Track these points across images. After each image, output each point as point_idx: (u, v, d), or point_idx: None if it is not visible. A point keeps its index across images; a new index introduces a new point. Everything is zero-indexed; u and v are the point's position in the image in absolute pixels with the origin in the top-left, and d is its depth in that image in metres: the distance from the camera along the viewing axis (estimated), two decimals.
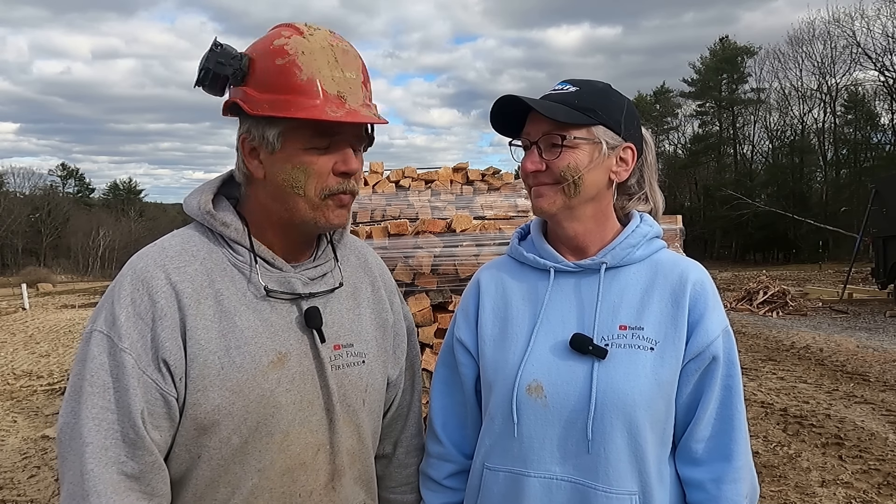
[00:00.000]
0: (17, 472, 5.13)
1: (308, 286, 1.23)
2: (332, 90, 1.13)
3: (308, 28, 1.17)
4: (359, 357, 1.28)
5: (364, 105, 1.16)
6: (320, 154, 1.15)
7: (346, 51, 1.17)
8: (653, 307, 1.24)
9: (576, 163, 1.24)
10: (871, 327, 11.23)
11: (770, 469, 4.69)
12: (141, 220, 63.14)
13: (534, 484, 1.22)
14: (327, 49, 1.15)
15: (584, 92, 1.27)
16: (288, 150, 1.15)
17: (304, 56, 1.13)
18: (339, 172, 1.16)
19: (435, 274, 3.32)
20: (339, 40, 1.18)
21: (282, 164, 1.16)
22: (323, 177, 1.15)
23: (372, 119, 1.14)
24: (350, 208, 1.23)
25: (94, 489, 1.04)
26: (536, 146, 1.26)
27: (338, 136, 1.15)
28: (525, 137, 1.29)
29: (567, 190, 1.25)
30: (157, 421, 1.10)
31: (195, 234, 1.21)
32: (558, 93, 1.28)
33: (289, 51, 1.13)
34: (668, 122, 48.84)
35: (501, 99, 1.28)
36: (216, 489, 1.16)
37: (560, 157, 1.24)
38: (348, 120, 1.12)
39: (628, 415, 1.18)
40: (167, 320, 1.11)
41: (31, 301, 19.96)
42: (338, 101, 1.13)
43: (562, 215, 1.28)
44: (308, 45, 1.14)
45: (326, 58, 1.14)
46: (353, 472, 1.29)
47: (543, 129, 1.26)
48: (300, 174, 1.15)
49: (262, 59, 1.15)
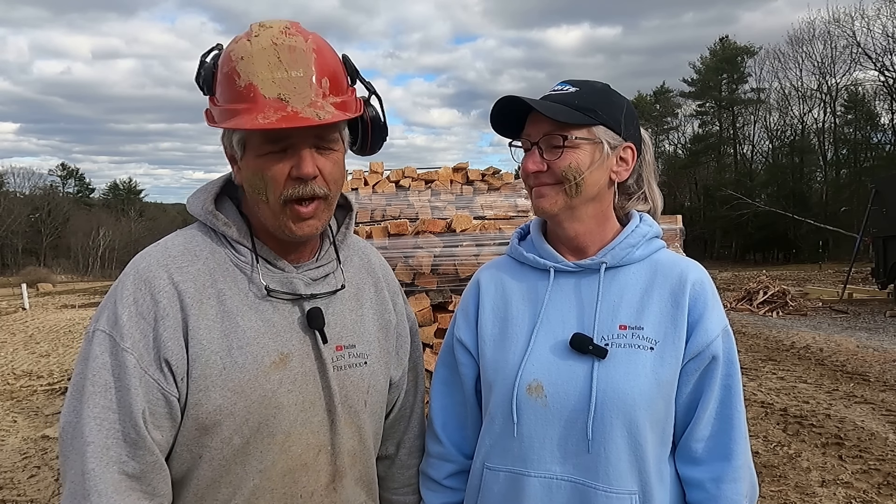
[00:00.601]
0: (17, 472, 5.13)
1: (310, 287, 1.23)
2: (272, 93, 1.08)
3: (259, 28, 1.12)
4: (361, 358, 1.28)
5: (312, 105, 1.09)
6: (277, 160, 1.12)
7: (293, 47, 1.10)
8: (652, 307, 1.24)
9: (577, 163, 1.24)
10: (871, 327, 11.22)
11: (770, 469, 4.69)
12: (141, 220, 63.14)
13: (534, 484, 1.22)
14: (268, 50, 1.09)
15: (584, 92, 1.27)
16: (248, 156, 1.14)
17: (243, 62, 1.09)
18: (294, 177, 1.12)
19: (435, 274, 3.32)
20: (289, 36, 1.11)
21: (247, 171, 1.15)
22: (279, 182, 1.12)
23: (312, 121, 1.07)
24: (322, 219, 1.18)
25: (95, 489, 1.04)
26: (537, 147, 1.26)
27: (292, 139, 1.11)
28: (525, 138, 1.29)
29: (568, 190, 1.25)
30: (159, 421, 1.10)
31: (198, 234, 1.21)
32: (558, 93, 1.28)
33: (232, 57, 1.11)
34: (668, 122, 48.82)
35: (501, 100, 1.27)
36: (217, 489, 1.16)
37: (561, 157, 1.24)
38: (280, 125, 1.05)
39: (628, 414, 1.18)
40: (169, 320, 1.11)
41: (31, 301, 19.96)
42: (276, 104, 1.07)
43: (563, 215, 1.28)
44: (248, 48, 1.10)
45: (267, 59, 1.09)
46: (354, 473, 1.29)
47: (544, 129, 1.25)
48: (259, 180, 1.13)
49: (219, 68, 1.14)
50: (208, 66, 1.15)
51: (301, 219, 1.15)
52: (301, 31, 1.14)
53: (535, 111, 1.24)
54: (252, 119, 1.06)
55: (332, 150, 1.17)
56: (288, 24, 1.14)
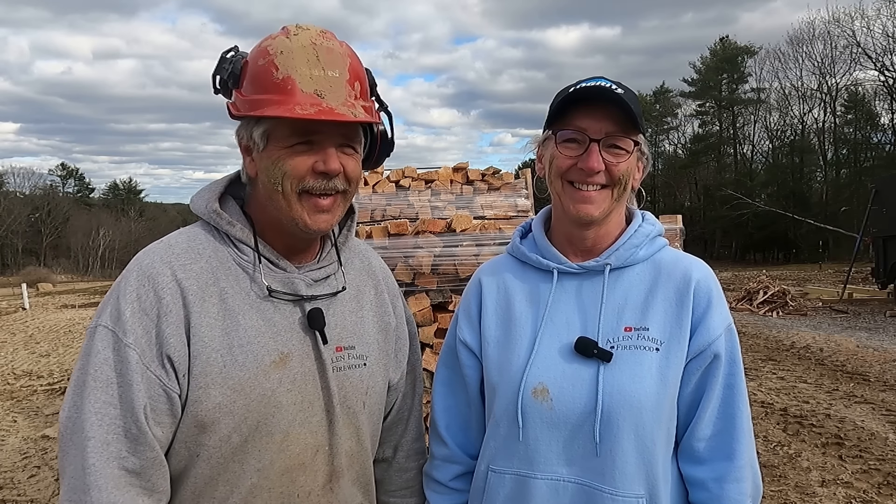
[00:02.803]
0: (17, 472, 5.13)
1: (311, 287, 1.23)
2: (309, 88, 1.12)
3: (296, 28, 1.18)
4: (360, 359, 1.29)
5: (345, 104, 1.14)
6: (301, 153, 1.14)
7: (331, 49, 1.16)
8: (657, 307, 1.23)
9: (629, 168, 1.25)
10: (871, 327, 11.22)
11: (770, 469, 4.69)
12: (141, 219, 63.19)
13: (540, 486, 1.21)
14: (308, 48, 1.14)
15: (631, 96, 1.23)
16: (271, 148, 1.16)
17: (282, 55, 1.13)
18: (318, 172, 1.15)
19: (435, 274, 3.31)
20: (327, 39, 1.17)
21: (266, 163, 1.17)
22: (301, 175, 1.15)
23: (347, 117, 1.12)
24: (336, 214, 1.21)
25: (95, 483, 1.04)
26: (598, 144, 1.22)
27: (319, 135, 1.14)
28: (581, 131, 1.23)
29: (616, 195, 1.25)
30: (160, 417, 1.10)
31: (201, 233, 1.21)
32: (613, 91, 1.20)
33: (270, 51, 1.14)
34: (668, 122, 48.84)
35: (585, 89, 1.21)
36: (215, 487, 1.16)
37: (623, 160, 1.23)
38: (319, 117, 1.10)
39: (636, 417, 1.17)
40: (172, 317, 1.11)
41: (31, 301, 19.96)
42: (312, 99, 1.12)
43: (600, 220, 1.26)
44: (288, 44, 1.14)
45: (306, 56, 1.13)
46: (352, 474, 1.29)
47: (607, 128, 1.22)
48: (279, 172, 1.15)
49: (250, 62, 1.17)
50: (236, 62, 1.18)
51: (318, 211, 1.18)
52: (335, 37, 1.20)
53: (600, 105, 1.20)
54: (290, 108, 1.10)
55: (354, 152, 1.21)
56: (323, 29, 1.20)
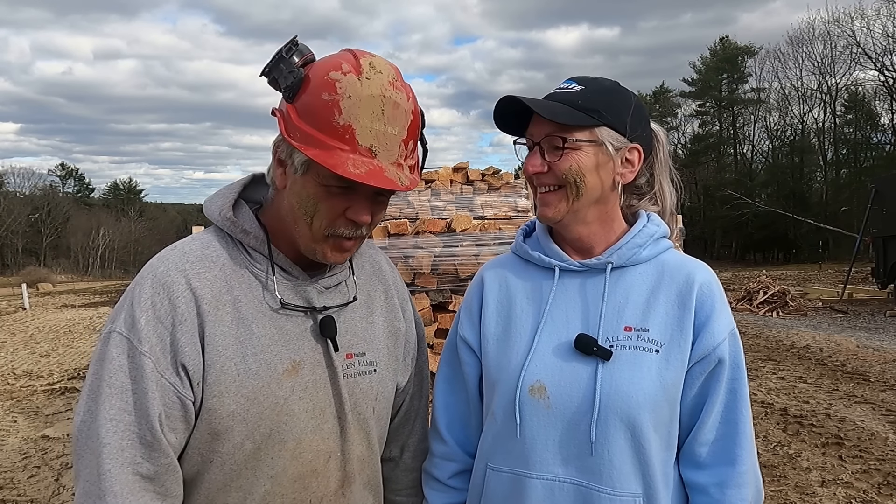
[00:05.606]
0: (17, 472, 5.13)
1: (323, 295, 1.24)
2: (366, 142, 1.10)
3: (371, 69, 1.12)
4: (370, 366, 1.29)
5: (395, 164, 1.13)
6: (336, 195, 1.13)
7: (397, 104, 1.13)
8: (659, 308, 1.23)
9: (578, 165, 1.22)
10: (871, 327, 11.22)
11: (770, 469, 4.69)
12: (141, 220, 63.15)
13: (536, 485, 1.21)
14: (377, 98, 1.10)
15: (590, 91, 1.25)
16: (308, 180, 1.14)
17: (349, 100, 1.09)
18: (349, 218, 1.15)
19: (435, 274, 3.32)
20: (396, 90, 1.13)
21: (300, 188, 1.15)
22: (332, 216, 1.15)
23: (393, 185, 1.11)
24: (353, 251, 1.23)
25: (110, 489, 1.05)
26: (539, 147, 1.25)
27: (359, 186, 1.13)
28: (528, 138, 1.28)
29: (570, 193, 1.24)
30: (174, 424, 1.11)
31: (214, 240, 1.22)
32: (563, 92, 1.26)
33: (338, 89, 1.10)
34: (668, 122, 48.76)
35: (502, 100, 1.26)
36: (228, 493, 1.17)
37: (562, 159, 1.22)
38: (367, 182, 1.08)
39: (632, 417, 1.17)
40: (187, 325, 1.11)
41: (31, 301, 19.95)
42: (366, 153, 1.10)
43: (567, 220, 1.27)
44: (358, 89, 1.10)
45: (372, 108, 1.10)
46: (363, 478, 1.30)
47: (546, 130, 1.24)
48: (311, 207, 1.15)
49: (313, 86, 1.12)
50: (297, 74, 1.13)
51: (340, 250, 1.20)
52: (404, 85, 1.17)
53: (545, 107, 1.22)
54: (343, 164, 1.08)
55: (386, 199, 1.22)
56: (395, 72, 1.16)
